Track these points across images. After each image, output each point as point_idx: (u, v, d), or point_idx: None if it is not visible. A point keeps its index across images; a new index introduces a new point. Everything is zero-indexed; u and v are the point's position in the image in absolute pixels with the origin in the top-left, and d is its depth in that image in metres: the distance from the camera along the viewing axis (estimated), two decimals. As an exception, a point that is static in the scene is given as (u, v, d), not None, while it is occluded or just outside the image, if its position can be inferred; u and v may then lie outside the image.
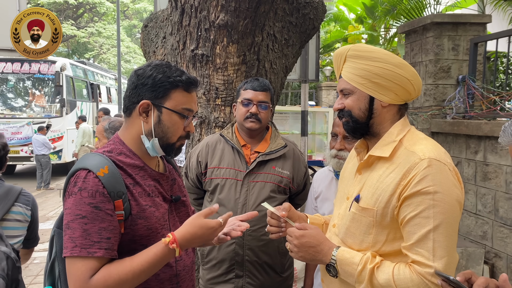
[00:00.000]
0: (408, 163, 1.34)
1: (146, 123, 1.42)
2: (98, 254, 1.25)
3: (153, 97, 1.39)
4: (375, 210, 1.38)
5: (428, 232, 1.28)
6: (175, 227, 1.49)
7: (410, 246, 1.31)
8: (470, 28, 4.77)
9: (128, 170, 1.39)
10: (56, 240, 1.42)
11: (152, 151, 1.44)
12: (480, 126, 4.06)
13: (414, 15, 7.54)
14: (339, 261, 1.39)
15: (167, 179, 1.52)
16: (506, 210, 3.83)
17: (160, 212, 1.43)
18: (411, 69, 1.44)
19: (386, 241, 1.38)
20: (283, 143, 2.28)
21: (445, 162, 1.34)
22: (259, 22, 2.76)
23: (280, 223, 1.58)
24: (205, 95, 2.87)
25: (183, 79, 1.41)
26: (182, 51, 2.90)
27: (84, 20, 28.57)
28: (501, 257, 3.91)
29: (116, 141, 1.45)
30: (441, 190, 1.29)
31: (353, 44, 1.53)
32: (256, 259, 2.15)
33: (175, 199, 1.51)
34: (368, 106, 1.45)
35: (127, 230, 1.34)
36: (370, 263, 1.34)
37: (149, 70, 1.41)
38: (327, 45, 16.72)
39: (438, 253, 1.26)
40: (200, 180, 2.30)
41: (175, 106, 1.41)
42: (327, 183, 2.30)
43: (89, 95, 14.63)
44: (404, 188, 1.32)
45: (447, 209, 1.28)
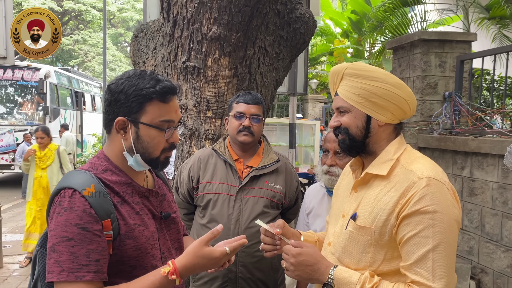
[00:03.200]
0: (406, 182, 1.33)
1: (125, 140, 1.34)
2: (87, 278, 1.18)
3: (127, 113, 1.31)
4: (373, 228, 1.36)
5: (427, 252, 1.26)
6: (166, 246, 1.44)
7: (409, 266, 1.29)
8: (456, 46, 4.86)
9: (115, 188, 1.32)
10: (39, 260, 1.34)
11: (137, 167, 1.36)
12: (466, 142, 4.11)
13: (401, 31, 7.66)
14: (337, 280, 1.36)
15: (156, 195, 1.45)
16: (492, 226, 3.87)
17: (150, 231, 1.36)
18: (408, 89, 1.44)
19: (384, 260, 1.37)
20: (275, 157, 2.26)
21: (443, 181, 1.33)
22: (251, 35, 2.75)
23: (274, 241, 1.56)
24: (195, 107, 2.84)
25: (156, 90, 1.30)
26: (173, 63, 2.87)
27: (69, 27, 28.29)
28: (487, 273, 3.94)
29: (101, 157, 1.38)
30: (440, 209, 1.28)
31: (350, 62, 1.53)
32: (250, 275, 2.11)
33: (164, 216, 1.44)
34: (365, 124, 1.44)
35: (115, 251, 1.27)
36: (369, 283, 1.32)
37: (121, 84, 1.31)
38: (313, 58, 16.88)
39: (438, 273, 1.25)
40: (191, 195, 2.25)
41: (151, 120, 1.32)
42: (319, 199, 2.28)
43: (73, 103, 14.42)
44: (403, 207, 1.31)
45: (446, 228, 1.28)
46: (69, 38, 25.84)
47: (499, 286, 3.80)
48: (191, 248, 1.30)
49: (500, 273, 3.78)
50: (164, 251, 1.42)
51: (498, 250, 3.81)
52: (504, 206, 3.72)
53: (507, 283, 3.71)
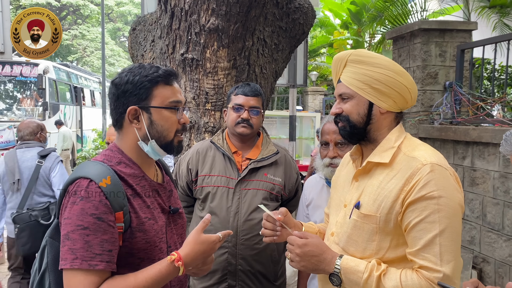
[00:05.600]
0: (410, 169, 1.34)
1: (139, 129, 1.39)
2: (100, 267, 1.20)
3: (137, 101, 1.36)
4: (378, 216, 1.37)
5: (434, 237, 1.27)
6: (172, 240, 1.46)
7: (416, 251, 1.30)
8: (457, 35, 4.82)
9: (129, 181, 1.36)
10: (48, 250, 1.36)
11: (153, 154, 1.41)
12: (467, 131, 4.09)
13: (400, 21, 7.61)
14: (344, 269, 1.37)
15: (165, 190, 1.49)
16: (494, 215, 3.86)
17: (159, 225, 1.39)
18: (410, 77, 1.44)
19: (389, 247, 1.37)
20: (274, 149, 2.24)
21: (446, 167, 1.34)
22: (249, 26, 2.72)
23: (275, 227, 1.56)
24: (194, 99, 2.82)
25: (160, 74, 1.38)
26: (172, 55, 2.85)
27: (67, 22, 28.17)
28: (489, 262, 3.94)
29: (114, 149, 1.41)
30: (445, 194, 1.29)
31: (354, 49, 1.52)
32: (249, 268, 2.10)
33: (173, 211, 1.48)
34: (367, 111, 1.44)
35: (125, 243, 1.30)
36: (376, 270, 1.32)
37: (125, 76, 1.38)
38: (312, 50, 16.81)
39: (445, 257, 1.26)
40: (190, 188, 2.24)
41: (162, 103, 1.38)
42: (318, 190, 2.26)
43: (72, 98, 14.38)
44: (408, 194, 1.32)
45: (451, 213, 1.29)
46: (68, 33, 25.75)
47: (501, 275, 3.80)
48: (190, 237, 1.34)
49: (502, 262, 3.78)
50: (171, 245, 1.45)
51: (499, 240, 3.81)
52: (506, 195, 3.71)
53: (508, 272, 3.71)
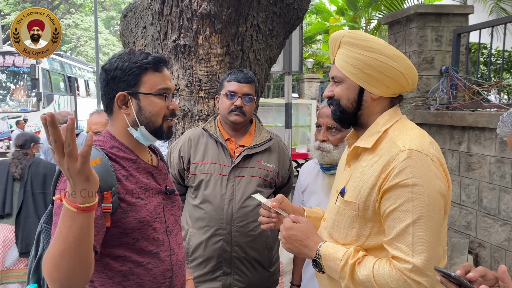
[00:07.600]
0: (389, 155, 1.29)
1: (128, 115, 1.40)
2: None
3: (126, 87, 1.38)
4: (356, 203, 1.34)
5: (407, 226, 1.23)
6: (170, 220, 1.48)
7: (390, 240, 1.27)
8: (453, 19, 4.77)
9: (122, 163, 1.38)
10: (44, 236, 1.37)
11: (143, 140, 1.42)
12: (464, 116, 4.07)
13: (396, 6, 7.54)
14: (323, 256, 1.36)
15: (159, 172, 1.50)
16: (490, 200, 3.86)
17: (152, 205, 1.41)
18: (406, 62, 1.37)
19: (370, 235, 1.35)
20: (268, 136, 2.21)
21: (427, 153, 1.27)
22: (242, 11, 2.67)
23: (271, 214, 1.56)
24: (187, 87, 2.78)
25: (149, 60, 1.38)
26: (163, 42, 2.79)
27: (60, 11, 27.83)
28: (485, 247, 3.95)
29: (106, 135, 1.43)
30: (421, 182, 1.23)
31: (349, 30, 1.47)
32: (244, 255, 2.09)
33: (169, 191, 1.49)
34: (357, 97, 1.39)
35: (118, 223, 1.31)
36: (352, 258, 1.30)
37: (114, 62, 1.39)
38: (308, 37, 16.69)
39: (418, 248, 1.21)
40: (182, 176, 2.21)
41: (150, 89, 1.39)
42: (313, 176, 2.24)
43: (66, 88, 14.27)
44: (384, 181, 1.28)
45: (427, 202, 1.23)
46: (61, 23, 25.47)
47: (497, 260, 3.81)
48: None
49: (498, 246, 3.80)
50: (169, 225, 1.47)
51: (495, 224, 3.82)
52: (502, 180, 3.71)
53: (504, 257, 3.73)
